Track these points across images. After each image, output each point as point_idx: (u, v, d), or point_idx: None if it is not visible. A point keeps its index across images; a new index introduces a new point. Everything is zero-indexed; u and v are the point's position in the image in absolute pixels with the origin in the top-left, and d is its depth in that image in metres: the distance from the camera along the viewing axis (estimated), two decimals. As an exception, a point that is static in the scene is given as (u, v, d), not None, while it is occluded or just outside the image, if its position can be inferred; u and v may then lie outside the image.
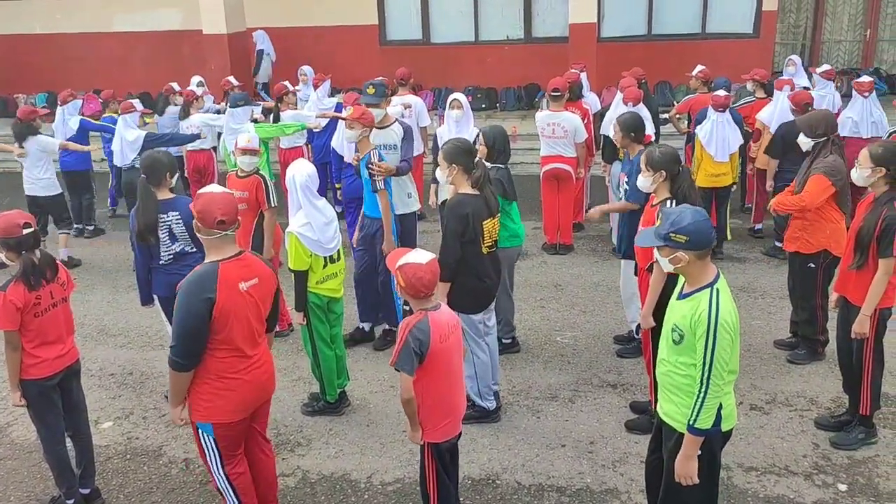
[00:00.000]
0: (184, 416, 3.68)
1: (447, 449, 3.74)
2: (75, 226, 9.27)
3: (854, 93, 8.16)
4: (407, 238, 6.29)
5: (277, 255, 6.38)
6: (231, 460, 3.76)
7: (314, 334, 5.05)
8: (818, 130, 5.37)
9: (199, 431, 3.69)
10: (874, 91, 8.05)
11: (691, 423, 3.21)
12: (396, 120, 6.53)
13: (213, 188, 3.78)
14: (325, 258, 4.97)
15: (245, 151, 6.05)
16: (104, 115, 9.73)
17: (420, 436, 3.65)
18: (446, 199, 4.94)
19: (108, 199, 10.23)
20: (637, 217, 5.10)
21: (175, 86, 10.46)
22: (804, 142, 5.46)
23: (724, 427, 3.31)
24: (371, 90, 6.34)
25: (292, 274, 4.94)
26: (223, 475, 3.75)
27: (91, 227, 9.47)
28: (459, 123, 7.30)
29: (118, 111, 9.86)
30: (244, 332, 3.59)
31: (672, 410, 3.37)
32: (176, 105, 9.87)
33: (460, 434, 3.81)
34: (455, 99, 7.53)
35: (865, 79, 8.20)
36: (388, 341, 6.10)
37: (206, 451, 3.72)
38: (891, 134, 7.20)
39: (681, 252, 3.19)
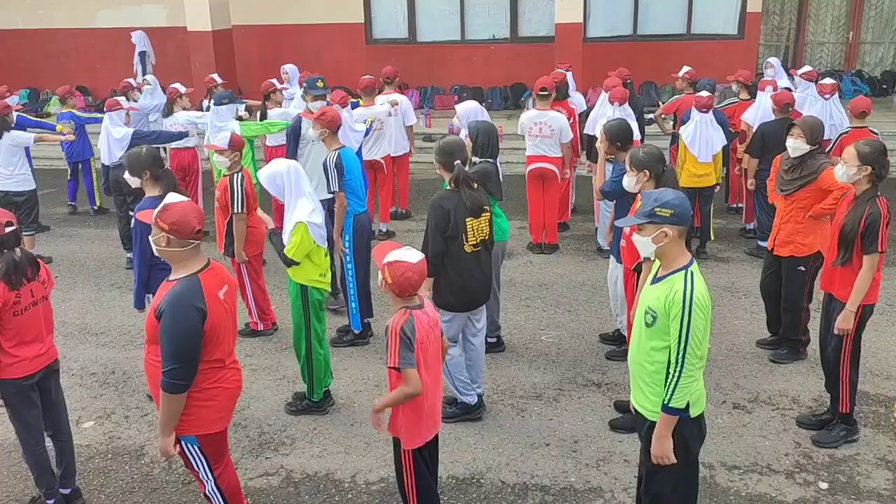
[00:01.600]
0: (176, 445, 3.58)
1: (425, 448, 3.71)
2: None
3: (815, 94, 8.13)
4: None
5: (261, 254, 6.36)
6: (219, 464, 3.73)
7: (311, 333, 5.00)
8: (819, 138, 5.37)
9: (182, 443, 3.61)
10: (836, 93, 7.99)
11: (666, 402, 3.22)
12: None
13: (175, 197, 3.53)
14: (324, 250, 4.98)
15: (215, 150, 6.10)
16: (62, 112, 9.61)
17: (387, 425, 3.60)
18: None
19: (68, 194, 10.11)
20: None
21: (132, 81, 10.41)
22: (802, 148, 5.29)
23: (693, 412, 3.29)
24: (320, 84, 7.08)
25: (285, 264, 4.88)
26: (212, 480, 3.71)
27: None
28: None
29: (74, 106, 9.84)
30: (227, 342, 3.53)
31: (643, 399, 3.39)
32: (133, 101, 9.88)
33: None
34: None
35: (828, 81, 8.17)
36: (344, 341, 6.15)
37: (193, 461, 3.66)
38: (841, 136, 7.18)
39: (666, 226, 3.20)
